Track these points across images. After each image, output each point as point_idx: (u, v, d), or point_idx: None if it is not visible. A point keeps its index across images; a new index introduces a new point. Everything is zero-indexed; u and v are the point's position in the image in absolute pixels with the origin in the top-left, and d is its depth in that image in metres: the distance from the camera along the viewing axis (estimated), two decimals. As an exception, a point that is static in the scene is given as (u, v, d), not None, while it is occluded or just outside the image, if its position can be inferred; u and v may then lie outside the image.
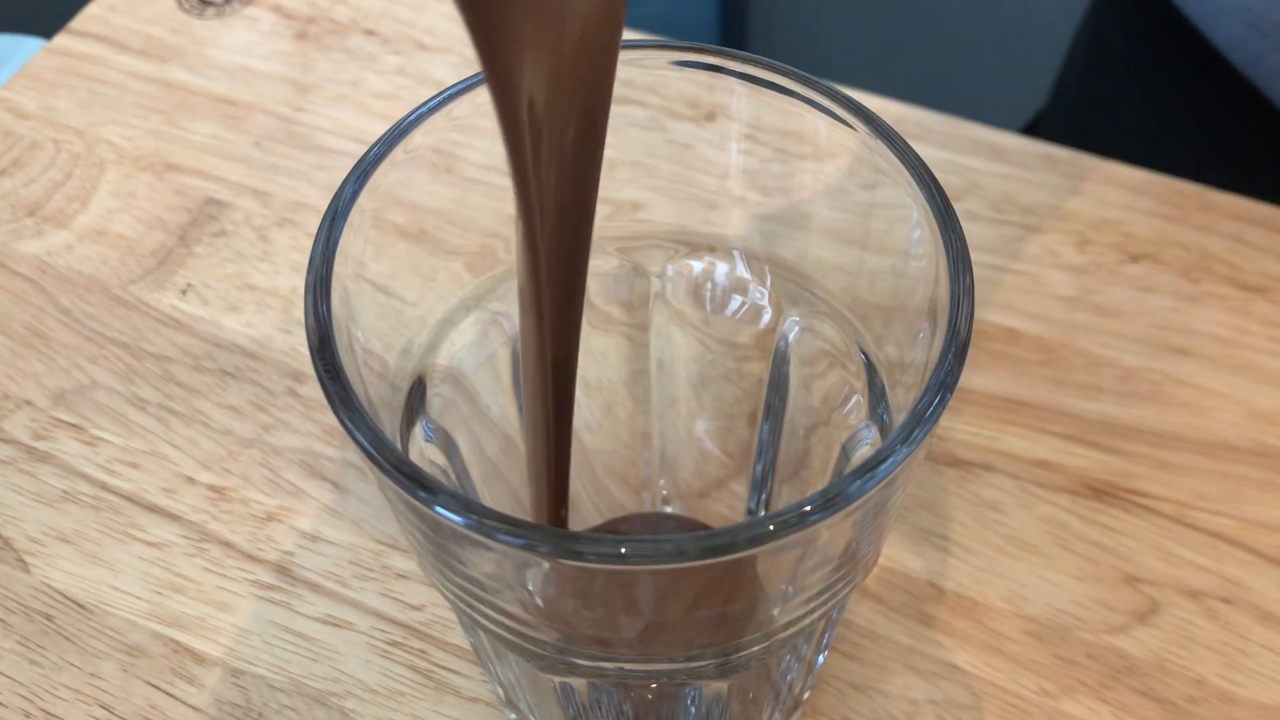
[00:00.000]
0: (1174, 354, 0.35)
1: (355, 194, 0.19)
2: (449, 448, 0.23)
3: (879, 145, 0.20)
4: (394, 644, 0.30)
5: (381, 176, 0.20)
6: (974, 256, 0.37)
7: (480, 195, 0.24)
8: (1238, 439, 0.33)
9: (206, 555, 0.32)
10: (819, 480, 0.26)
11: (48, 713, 0.29)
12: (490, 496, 0.26)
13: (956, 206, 0.38)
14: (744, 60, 0.21)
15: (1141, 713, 0.29)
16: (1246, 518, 0.32)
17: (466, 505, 0.16)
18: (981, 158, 0.39)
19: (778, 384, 0.26)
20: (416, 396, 0.22)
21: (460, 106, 0.21)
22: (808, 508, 0.15)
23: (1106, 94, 0.51)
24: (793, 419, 0.27)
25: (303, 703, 0.29)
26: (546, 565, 0.16)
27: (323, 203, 0.38)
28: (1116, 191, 0.38)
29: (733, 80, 0.22)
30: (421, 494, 0.16)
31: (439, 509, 0.16)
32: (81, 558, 0.32)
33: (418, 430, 0.22)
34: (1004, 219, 0.38)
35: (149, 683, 0.30)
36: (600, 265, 0.25)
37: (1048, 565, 0.31)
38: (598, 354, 0.28)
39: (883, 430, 0.21)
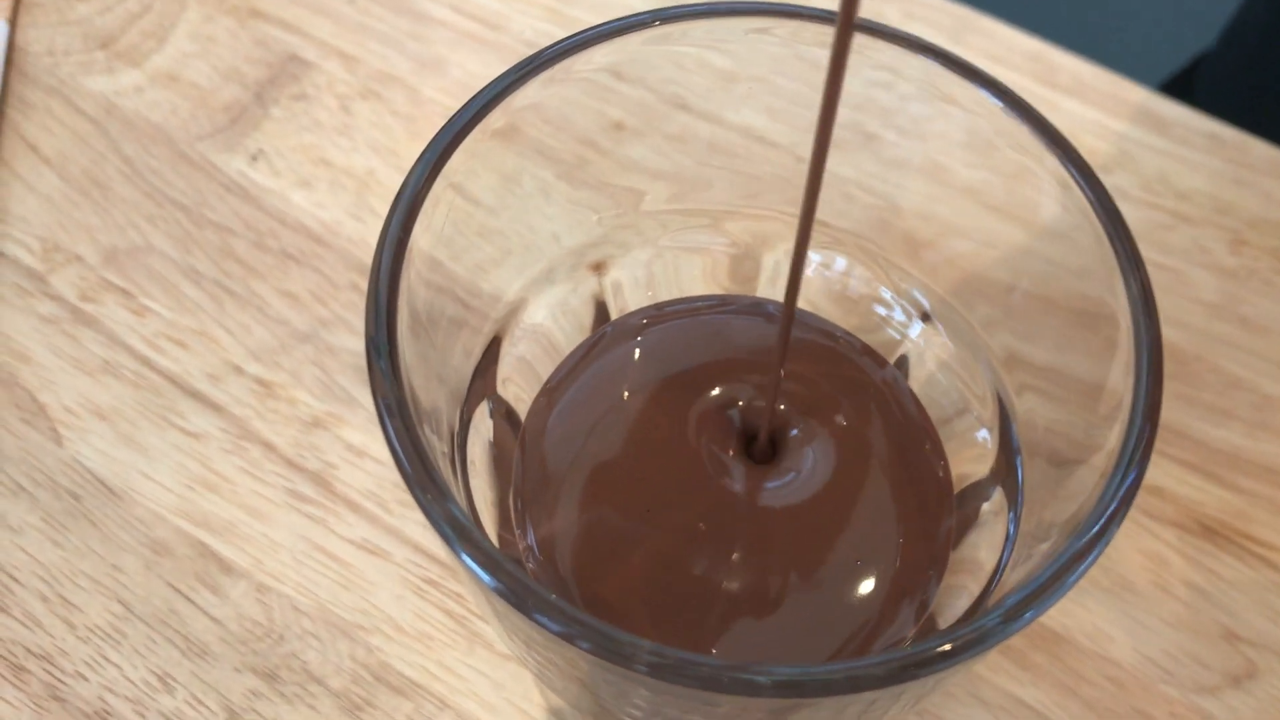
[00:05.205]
0: (1320, 386, 0.31)
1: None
2: (513, 422, 0.20)
3: (1069, 183, 0.17)
4: (429, 582, 0.28)
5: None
6: (1115, 243, 0.33)
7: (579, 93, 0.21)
8: (1376, 495, 0.30)
9: (245, 455, 0.30)
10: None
11: (65, 599, 0.28)
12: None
13: (1105, 180, 0.34)
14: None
15: (1218, 785, 0.27)
16: (1370, 586, 0.29)
17: (523, 591, 0.13)
18: (1140, 127, 0.35)
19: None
20: (487, 366, 0.20)
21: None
22: (945, 646, 0.13)
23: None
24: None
25: (326, 631, 0.28)
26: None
27: (412, 77, 0.35)
28: (1286, 188, 0.34)
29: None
30: (464, 552, 0.14)
31: (466, 560, 0.14)
32: (116, 437, 0.30)
33: (483, 407, 0.20)
34: (1155, 202, 0.34)
35: (171, 584, 0.28)
36: (704, 241, 0.22)
37: (1142, 606, 0.28)
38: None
39: (1008, 494, 0.19)
